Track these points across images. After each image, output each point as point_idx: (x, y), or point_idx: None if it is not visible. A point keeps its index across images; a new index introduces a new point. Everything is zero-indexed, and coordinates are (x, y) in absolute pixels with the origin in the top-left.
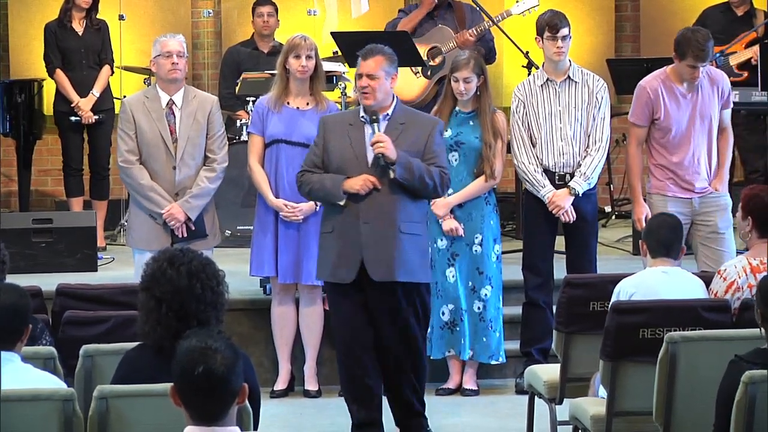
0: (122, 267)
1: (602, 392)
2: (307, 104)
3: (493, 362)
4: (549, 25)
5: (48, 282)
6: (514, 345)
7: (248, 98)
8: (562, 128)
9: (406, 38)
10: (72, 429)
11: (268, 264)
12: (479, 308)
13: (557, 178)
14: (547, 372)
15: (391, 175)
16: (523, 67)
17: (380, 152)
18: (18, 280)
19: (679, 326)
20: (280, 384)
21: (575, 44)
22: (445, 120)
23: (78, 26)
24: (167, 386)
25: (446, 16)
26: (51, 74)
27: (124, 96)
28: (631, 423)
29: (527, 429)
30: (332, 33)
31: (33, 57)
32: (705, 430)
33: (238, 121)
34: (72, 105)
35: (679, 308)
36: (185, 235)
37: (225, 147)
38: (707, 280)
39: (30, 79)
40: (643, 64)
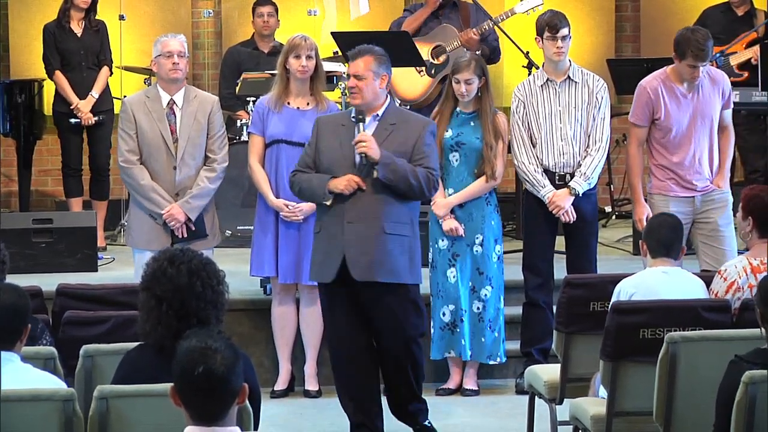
0: (122, 267)
1: (602, 392)
2: (308, 104)
3: (491, 362)
4: (549, 26)
5: (48, 282)
6: (515, 345)
7: (248, 98)
8: (562, 128)
9: (406, 38)
10: (72, 429)
11: (269, 264)
12: (479, 308)
13: (557, 178)
14: (548, 372)
15: (375, 175)
16: (524, 67)
17: (362, 152)
18: (18, 280)
19: (680, 326)
20: (281, 384)
21: (575, 44)
22: (446, 120)
23: (77, 27)
24: (167, 386)
25: (451, 15)
26: (50, 76)
27: (125, 96)
28: (632, 423)
29: (527, 429)
30: (332, 33)
31: (33, 57)
32: (705, 430)
33: (239, 121)
34: (72, 107)
35: (680, 308)
36: (185, 236)
37: (225, 147)
38: (708, 280)
39: (30, 80)
40: (644, 65)
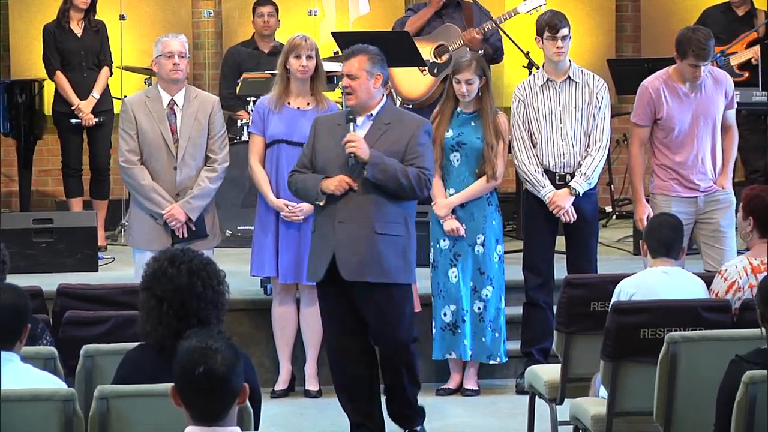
0: (123, 267)
1: (603, 392)
2: (308, 104)
3: (491, 362)
4: (549, 26)
5: (48, 282)
6: (515, 345)
7: (249, 98)
8: (563, 128)
9: (407, 38)
10: (72, 429)
11: (269, 264)
12: (479, 308)
13: (557, 178)
14: (548, 372)
15: (364, 175)
16: (524, 67)
17: (351, 152)
18: (18, 280)
19: (680, 326)
20: (281, 384)
21: (575, 44)
22: (447, 121)
23: (76, 27)
24: (168, 386)
25: (454, 15)
26: (51, 76)
27: (125, 96)
28: (632, 423)
29: (528, 429)
30: (333, 33)
31: (33, 57)
32: (705, 430)
33: (239, 121)
34: (73, 108)
35: (680, 308)
36: (186, 236)
37: (226, 147)
38: (708, 280)
39: (30, 80)
40: (644, 65)
